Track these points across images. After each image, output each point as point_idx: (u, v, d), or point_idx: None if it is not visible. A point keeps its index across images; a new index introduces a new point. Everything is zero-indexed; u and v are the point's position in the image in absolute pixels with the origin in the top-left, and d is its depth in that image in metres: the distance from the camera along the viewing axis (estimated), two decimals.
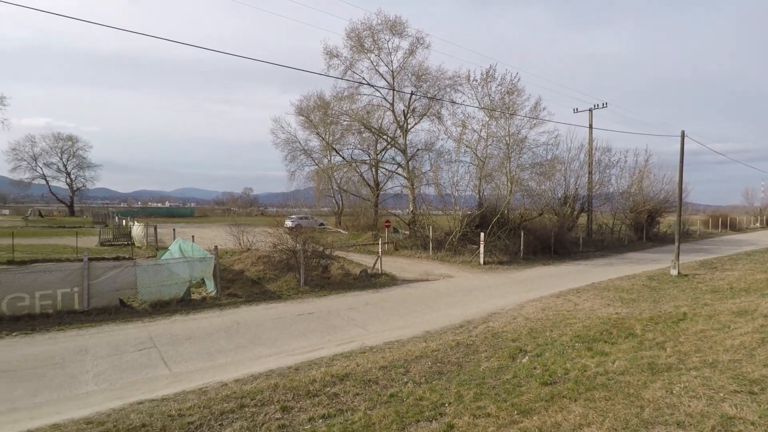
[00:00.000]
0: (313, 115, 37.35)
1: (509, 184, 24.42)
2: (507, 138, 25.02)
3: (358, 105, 31.23)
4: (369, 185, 36.86)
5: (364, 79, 29.44)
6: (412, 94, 29.14)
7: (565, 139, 36.27)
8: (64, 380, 6.71)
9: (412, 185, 29.14)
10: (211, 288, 12.78)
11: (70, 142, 68.78)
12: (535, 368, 6.76)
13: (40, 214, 60.91)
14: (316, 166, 40.56)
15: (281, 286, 13.84)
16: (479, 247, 20.62)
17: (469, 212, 23.90)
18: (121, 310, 10.73)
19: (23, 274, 10.15)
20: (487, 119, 25.47)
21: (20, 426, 5.16)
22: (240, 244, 19.32)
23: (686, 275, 17.00)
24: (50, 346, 8.27)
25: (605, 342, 8.06)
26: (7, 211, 67.23)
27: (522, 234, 22.51)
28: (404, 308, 11.90)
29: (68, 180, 69.74)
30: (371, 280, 15.39)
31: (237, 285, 13.56)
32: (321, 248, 15.86)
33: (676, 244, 18.29)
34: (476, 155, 25.51)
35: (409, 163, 30.63)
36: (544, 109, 25.47)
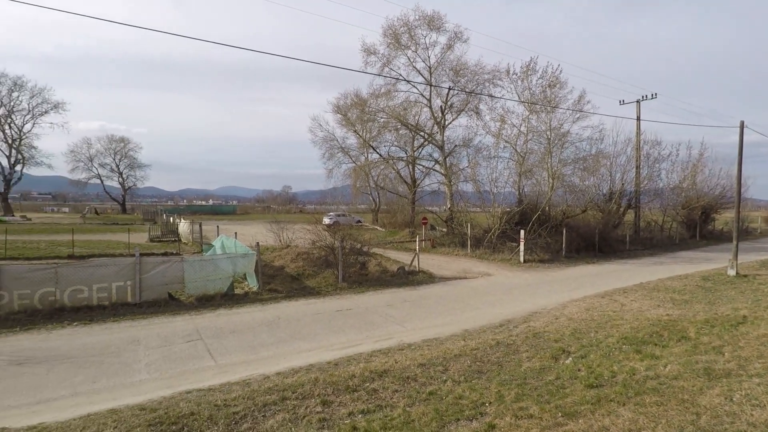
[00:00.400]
0: (351, 113, 37.65)
1: (550, 180, 23.69)
2: (548, 132, 24.27)
3: (395, 102, 31.20)
4: (406, 182, 36.79)
5: (400, 75, 29.37)
6: (449, 89, 28.79)
7: (611, 133, 34.59)
8: (120, 368, 7.10)
9: (450, 182, 28.82)
10: (252, 283, 13.16)
11: (122, 144, 72.70)
12: (579, 370, 6.53)
13: (96, 212, 64.72)
14: (354, 164, 40.91)
15: (320, 282, 14.06)
16: (519, 244, 20.14)
17: (508, 209, 23.38)
18: (170, 304, 11.23)
19: (82, 268, 10.81)
20: (528, 113, 24.80)
21: (81, 410, 5.50)
22: (280, 241, 19.77)
23: (745, 276, 15.93)
24: (106, 336, 8.77)
25: (655, 345, 7.68)
26: (67, 209, 71.94)
27: (564, 231, 21.80)
28: (442, 306, 11.80)
29: (120, 179, 73.73)
30: (408, 278, 15.37)
31: (277, 281, 13.89)
32: (359, 245, 15.98)
33: (734, 242, 17.16)
34: (516, 151, 24.91)
35: (447, 159, 30.31)
36: (588, 102, 24.53)
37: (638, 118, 29.17)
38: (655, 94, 29.18)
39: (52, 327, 9.16)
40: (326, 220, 36.74)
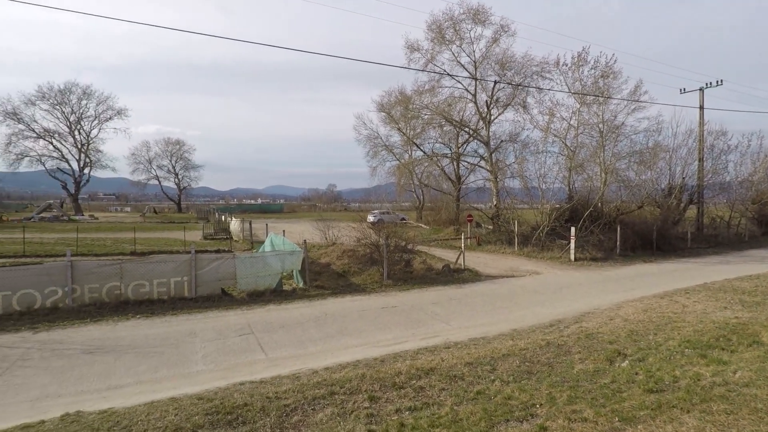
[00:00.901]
0: (394, 111, 37.72)
1: (603, 175, 22.61)
2: (600, 125, 23.15)
3: (438, 98, 30.89)
4: (450, 179, 36.41)
5: (444, 71, 29.01)
6: (495, 83, 28.14)
7: (670, 124, 32.53)
8: (178, 359, 7.50)
9: (496, 178, 28.19)
10: (299, 280, 13.49)
11: (177, 146, 76.90)
12: (636, 374, 6.20)
13: (155, 211, 68.74)
14: (398, 161, 40.96)
15: (365, 280, 14.20)
16: (569, 242, 19.40)
17: (557, 205, 22.58)
18: (223, 299, 11.73)
19: (144, 264, 11.52)
20: (578, 106, 23.78)
21: (145, 397, 5.87)
22: (326, 239, 20.15)
23: None
24: (166, 328, 9.29)
25: (722, 349, 7.16)
26: (128, 209, 77.00)
27: (618, 228, 20.77)
28: (489, 305, 11.59)
29: (176, 180, 77.95)
30: (454, 276, 15.20)
31: (324, 277, 14.16)
32: (403, 243, 15.99)
33: None
34: (565, 145, 23.97)
35: (492, 155, 29.68)
36: (645, 92, 23.15)
37: (701, 107, 27.25)
38: (720, 80, 27.14)
39: (117, 319, 9.82)
40: (370, 218, 37.06)
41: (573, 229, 19.49)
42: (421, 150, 37.59)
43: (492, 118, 29.74)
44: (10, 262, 16.42)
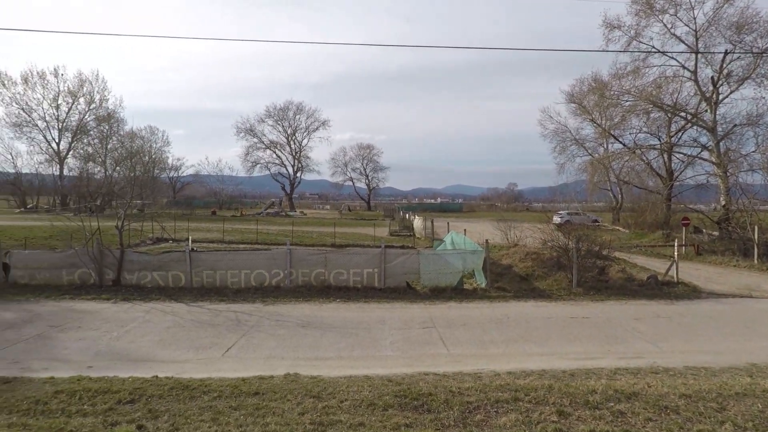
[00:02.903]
0: (587, 100, 34.18)
1: None
2: None
3: (644, 80, 26.72)
4: (658, 175, 31.05)
5: (652, 47, 24.94)
6: (726, 53, 22.84)
7: None
8: (370, 342, 8.29)
9: (725, 172, 22.88)
10: (480, 280, 13.39)
11: (368, 150, 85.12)
12: None
13: (349, 209, 77.50)
14: (590, 156, 37.12)
15: (551, 285, 13.26)
16: None
17: None
18: (408, 292, 12.47)
19: (342, 255, 13.11)
20: None
21: (344, 371, 6.66)
22: (507, 240, 19.54)
23: None
24: (359, 313, 10.37)
25: None
26: (328, 207, 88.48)
27: None
28: (713, 329, 9.50)
29: (366, 181, 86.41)
30: (663, 289, 12.94)
31: (505, 279, 13.75)
32: (596, 247, 14.37)
33: None
34: None
35: (721, 143, 24.17)
36: None
37: None
38: None
39: (322, 301, 11.39)
40: (556, 219, 34.34)
41: None
42: (620, 142, 33.08)
43: (720, 97, 24.25)
44: (249, 247, 20.70)
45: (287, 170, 73.81)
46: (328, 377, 6.28)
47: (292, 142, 73.10)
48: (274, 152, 72.56)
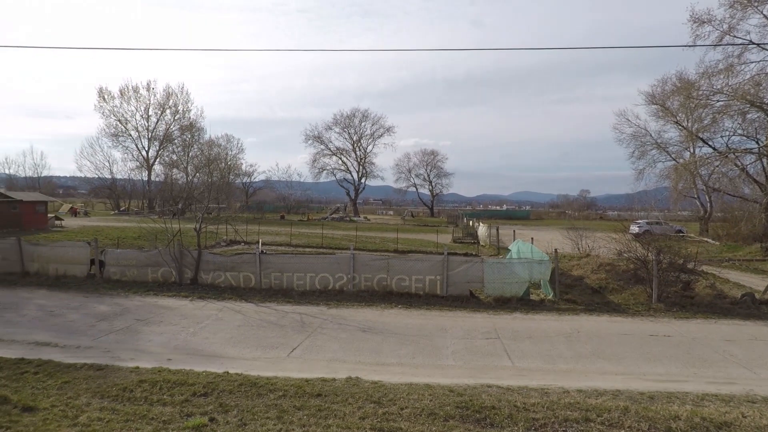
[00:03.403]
0: (670, 101, 31.61)
1: None
2: None
3: (739, 78, 24.20)
4: (756, 181, 27.91)
5: (749, 41, 22.54)
6: None
7: None
8: (432, 350, 8.19)
9: None
10: (548, 291, 12.78)
11: (432, 156, 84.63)
12: None
13: (412, 215, 77.49)
14: (673, 162, 34.19)
15: (627, 299, 12.34)
16: None
17: None
18: (470, 300, 12.18)
19: (404, 261, 13.10)
20: None
21: (404, 378, 6.63)
22: (578, 249, 18.53)
23: None
24: (421, 320, 10.29)
25: None
26: (391, 212, 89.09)
27: None
28: None
29: (430, 187, 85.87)
30: (761, 309, 11.56)
31: (575, 291, 13.01)
32: (680, 260, 13.14)
33: None
34: None
35: None
36: None
37: None
38: None
39: (384, 306, 11.45)
40: (634, 228, 31.94)
41: None
42: (710, 146, 30.24)
43: None
44: (314, 251, 21.38)
45: (352, 176, 75.55)
46: (388, 383, 6.28)
47: (357, 149, 74.75)
48: (340, 159, 74.60)
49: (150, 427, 4.85)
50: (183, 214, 37.00)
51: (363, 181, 76.52)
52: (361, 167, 75.14)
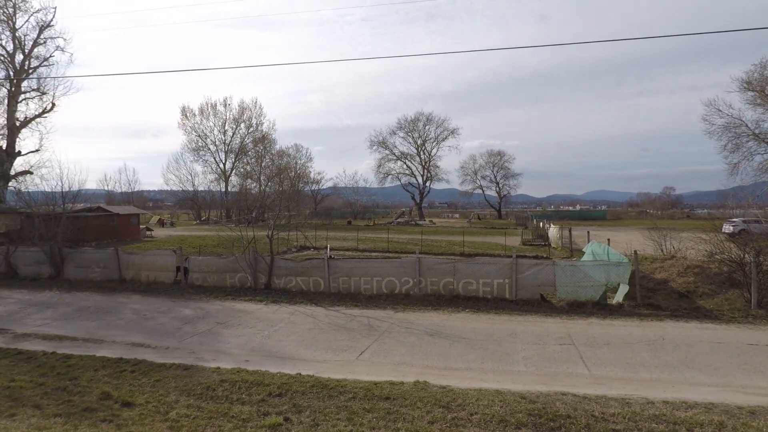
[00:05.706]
0: None
1: None
2: None
3: None
4: None
5: None
6: None
7: None
8: (501, 356, 8.00)
9: None
10: (619, 296, 11.94)
11: (498, 157, 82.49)
12: None
13: (478, 217, 75.91)
14: None
15: (720, 305, 11.22)
16: None
17: None
18: (542, 305, 11.72)
19: (471, 265, 12.92)
20: None
21: (474, 383, 6.55)
22: (662, 251, 17.13)
23: None
24: (489, 324, 10.08)
25: None
26: (457, 215, 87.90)
27: None
28: None
29: (497, 188, 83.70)
30: None
31: (659, 295, 12.06)
32: None
33: None
34: None
35: None
36: None
37: None
38: None
39: (451, 310, 11.36)
40: (728, 228, 28.84)
41: None
42: None
43: None
44: (380, 255, 21.70)
45: (417, 180, 75.74)
46: (457, 388, 6.24)
47: (421, 152, 74.89)
48: (405, 163, 75.16)
49: (231, 425, 5.22)
50: (257, 222, 39.20)
51: (428, 184, 76.40)
52: (425, 171, 75.12)
